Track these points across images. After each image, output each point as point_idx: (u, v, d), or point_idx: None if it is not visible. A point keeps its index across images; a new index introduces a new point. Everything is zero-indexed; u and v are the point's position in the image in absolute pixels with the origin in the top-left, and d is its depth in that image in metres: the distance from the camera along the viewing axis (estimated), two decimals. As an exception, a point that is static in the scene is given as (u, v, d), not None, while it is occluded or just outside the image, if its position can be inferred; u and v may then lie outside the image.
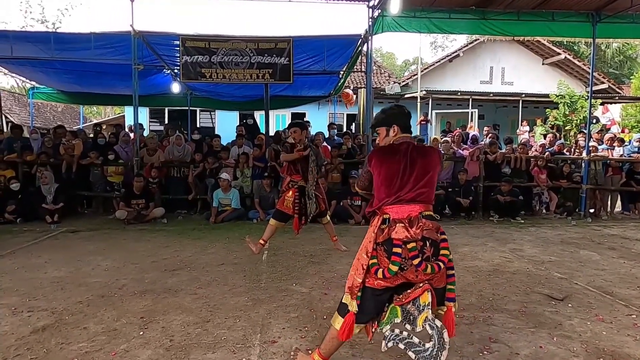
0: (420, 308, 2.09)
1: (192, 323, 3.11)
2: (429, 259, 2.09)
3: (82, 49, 7.86)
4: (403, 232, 2.08)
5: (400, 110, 2.38)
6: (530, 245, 5.78)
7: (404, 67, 41.05)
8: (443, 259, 2.13)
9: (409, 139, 2.31)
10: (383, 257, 2.12)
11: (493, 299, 3.70)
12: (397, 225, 2.11)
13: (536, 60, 16.65)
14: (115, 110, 29.02)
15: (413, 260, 2.07)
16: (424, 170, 2.19)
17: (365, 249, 2.20)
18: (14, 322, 3.12)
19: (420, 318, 2.06)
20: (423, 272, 2.07)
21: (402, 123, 2.32)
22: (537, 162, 8.21)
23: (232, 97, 12.01)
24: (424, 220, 2.11)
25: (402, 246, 2.08)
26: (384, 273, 2.09)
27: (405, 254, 2.08)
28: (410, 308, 2.14)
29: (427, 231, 2.10)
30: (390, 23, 7.64)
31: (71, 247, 5.46)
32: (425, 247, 2.10)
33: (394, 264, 2.07)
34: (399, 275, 2.10)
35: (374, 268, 2.13)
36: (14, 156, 7.57)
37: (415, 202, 2.15)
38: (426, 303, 2.07)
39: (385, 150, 2.28)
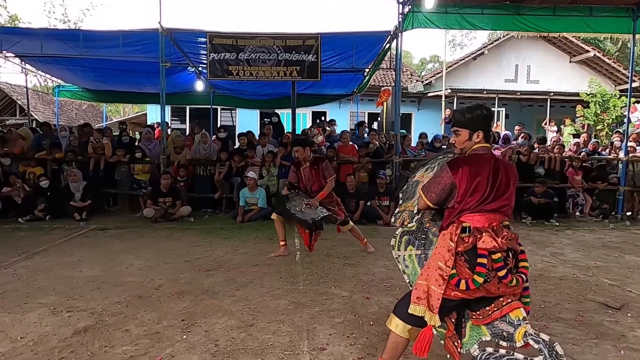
0: (515, 323, 1.98)
1: (235, 327, 3.01)
2: (512, 271, 1.98)
3: (110, 47, 7.88)
4: (490, 241, 1.94)
5: (489, 114, 2.18)
6: (570, 250, 5.55)
7: (421, 65, 40.59)
8: (524, 272, 2.01)
9: (488, 149, 2.17)
10: (464, 268, 1.98)
11: (545, 306, 3.51)
12: (483, 234, 1.97)
13: (563, 58, 16.19)
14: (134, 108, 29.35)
15: (499, 272, 1.94)
16: (506, 182, 2.09)
17: (442, 258, 2.03)
18: (54, 323, 3.06)
19: (519, 333, 1.95)
20: (508, 284, 1.95)
21: (486, 129, 2.16)
22: (571, 162, 7.92)
23: (254, 96, 11.97)
24: (506, 231, 2.01)
25: (487, 256, 1.94)
26: (467, 284, 1.95)
27: (489, 265, 1.95)
28: (499, 324, 2.01)
29: (510, 242, 2.00)
30: (421, 19, 7.45)
31: (102, 245, 5.43)
32: (509, 258, 2.00)
33: (480, 275, 1.94)
34: (480, 288, 1.96)
35: (454, 280, 1.98)
36: (44, 153, 7.62)
37: (496, 212, 2.04)
38: (520, 317, 1.97)
39: (471, 161, 2.11)
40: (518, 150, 7.85)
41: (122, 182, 8.00)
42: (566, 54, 16.18)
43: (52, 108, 18.79)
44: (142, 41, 7.88)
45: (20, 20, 23.43)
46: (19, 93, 17.79)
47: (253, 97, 12.03)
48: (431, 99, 15.44)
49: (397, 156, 7.63)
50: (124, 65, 8.94)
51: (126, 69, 9.34)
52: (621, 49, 24.14)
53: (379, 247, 5.40)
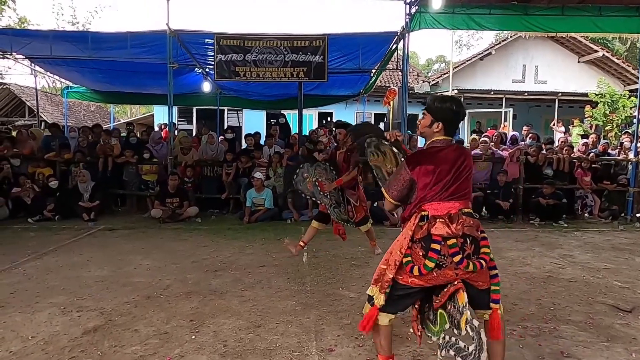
0: (461, 309, 2.01)
1: (244, 328, 3.02)
2: (470, 257, 2.01)
3: (118, 48, 7.92)
4: (443, 228, 2.00)
5: (457, 110, 2.17)
6: (580, 251, 5.50)
7: (427, 66, 40.46)
8: (484, 257, 2.04)
9: (447, 141, 2.18)
10: (418, 255, 2.04)
11: (554, 308, 3.48)
12: (437, 221, 2.02)
13: (571, 58, 16.05)
14: (141, 109, 29.49)
15: (454, 257, 1.99)
16: (464, 169, 2.12)
17: (399, 245, 2.11)
18: (64, 322, 3.08)
19: (462, 320, 1.99)
20: (464, 269, 2.00)
21: (449, 123, 2.17)
22: (580, 163, 7.85)
23: (261, 97, 12.00)
24: (464, 217, 2.05)
25: (442, 243, 2.00)
26: (420, 270, 2.01)
27: (444, 251, 2.00)
28: (452, 311, 2.06)
29: (467, 228, 2.02)
30: (428, 19, 7.42)
31: (110, 246, 5.47)
32: (466, 244, 2.01)
33: (431, 260, 1.99)
34: (435, 273, 2.01)
35: (408, 266, 2.05)
36: (54, 154, 7.69)
37: (455, 199, 2.08)
38: (464, 304, 2.01)
39: (427, 154, 2.17)
40: (526, 151, 7.79)
41: (130, 182, 8.05)
42: (574, 54, 16.04)
43: (60, 109, 18.95)
44: (150, 42, 7.93)
45: (29, 22, 23.63)
46: (27, 94, 17.97)
47: (259, 98, 12.06)
48: (438, 100, 15.36)
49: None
50: (131, 66, 8.98)
51: (134, 70, 9.39)
52: (630, 49, 23.89)
53: (385, 248, 5.36)
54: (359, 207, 4.47)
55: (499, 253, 5.31)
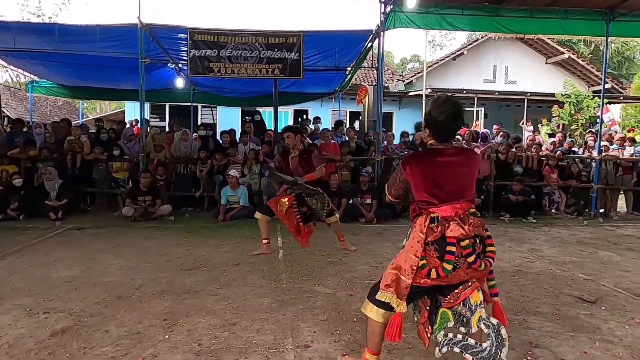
0: (473, 308, 2.04)
1: (219, 326, 2.98)
2: (480, 256, 2.05)
3: (86, 42, 7.66)
4: (458, 229, 2.02)
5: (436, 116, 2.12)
6: (547, 246, 5.70)
7: (401, 65, 40.93)
8: (491, 256, 2.08)
9: (446, 145, 2.17)
10: (433, 257, 2.04)
11: (523, 301, 3.59)
12: (450, 223, 2.03)
13: (539, 59, 16.60)
14: (111, 105, 28.65)
15: (468, 258, 2.01)
16: (466, 170, 2.14)
17: (412, 249, 2.09)
18: (30, 324, 2.97)
19: (475, 317, 2.02)
20: (477, 269, 2.03)
21: (434, 129, 2.15)
22: (548, 161, 8.13)
23: (235, 93, 11.86)
24: (472, 218, 2.08)
25: (456, 244, 2.01)
26: (438, 273, 2.02)
27: (458, 252, 2.01)
28: (461, 310, 2.09)
29: (476, 228, 2.06)
30: (402, 19, 7.51)
31: (79, 245, 5.30)
32: (476, 244, 2.05)
33: (449, 262, 2.01)
34: (451, 275, 2.03)
35: (425, 270, 2.04)
36: (18, 151, 7.38)
37: (459, 201, 2.09)
38: (478, 302, 2.03)
39: (423, 156, 2.22)
40: (497, 149, 8.00)
41: (100, 180, 7.83)
42: (542, 56, 16.60)
43: (25, 104, 18.20)
44: (121, 36, 7.70)
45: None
46: (-11, 89, 17.19)
47: (234, 94, 11.92)
48: (412, 99, 15.59)
49: (379, 154, 7.68)
50: (101, 60, 8.72)
51: (103, 65, 9.11)
52: (594, 52, 24.90)
53: (362, 245, 5.45)
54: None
55: (471, 248, 5.44)
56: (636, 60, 25.47)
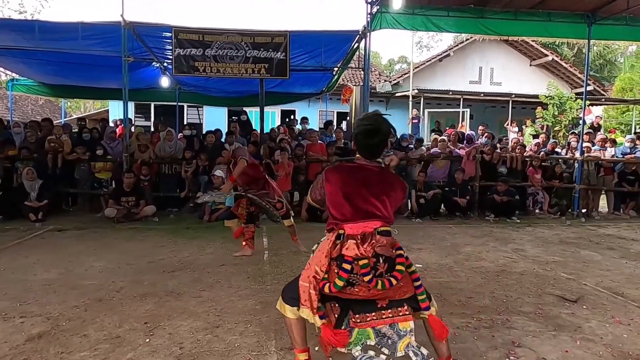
0: (401, 333, 2.05)
1: (201, 329, 2.94)
2: (382, 275, 2.03)
3: (68, 39, 7.48)
4: (353, 249, 2.02)
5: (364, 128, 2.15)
6: (531, 245, 5.76)
7: (389, 66, 41.15)
8: (397, 275, 2.04)
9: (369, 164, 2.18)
10: (334, 272, 2.04)
11: (507, 300, 3.62)
12: (348, 241, 2.04)
13: (524, 61, 16.83)
14: (95, 104, 28.17)
15: (364, 277, 2.00)
16: (383, 191, 2.13)
17: (319, 262, 2.09)
18: (5, 329, 2.88)
19: (402, 342, 2.03)
20: (374, 288, 2.00)
21: (359, 146, 2.19)
22: (531, 162, 8.23)
23: (222, 93, 11.74)
24: (377, 237, 2.05)
25: (353, 262, 2.01)
26: (330, 288, 2.02)
27: (356, 270, 2.01)
28: (387, 332, 2.08)
29: (380, 248, 2.03)
30: (388, 19, 7.54)
31: (60, 247, 5.19)
32: (379, 263, 2.02)
33: (341, 279, 2.00)
34: (348, 290, 2.02)
35: (322, 282, 2.05)
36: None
37: (371, 219, 2.08)
38: (408, 329, 2.05)
39: (343, 169, 2.20)
40: (482, 149, 8.07)
41: (82, 181, 7.67)
42: (527, 58, 16.83)
43: (5, 103, 17.78)
44: (103, 34, 7.54)
45: (-30, 9, 22.00)
46: (-33, 87, 16.75)
47: (220, 94, 11.80)
48: (399, 99, 15.66)
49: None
50: (82, 58, 8.54)
51: (87, 63, 8.92)
52: (577, 54, 25.35)
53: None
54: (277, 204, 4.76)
55: (456, 248, 5.48)
56: (617, 63, 26.03)
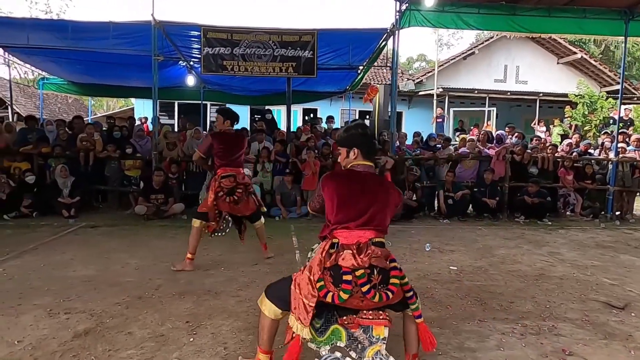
0: (373, 340, 2.04)
1: (243, 329, 2.93)
2: (376, 287, 2.01)
3: (99, 39, 7.63)
4: (350, 259, 2.00)
5: (364, 132, 2.26)
6: (566, 249, 5.61)
7: (407, 64, 40.76)
8: (392, 289, 2.04)
9: (370, 168, 2.23)
10: (329, 282, 2.02)
11: (550, 306, 3.52)
12: (345, 252, 2.02)
13: (551, 59, 16.44)
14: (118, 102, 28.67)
15: (362, 288, 1.98)
16: (379, 200, 2.13)
17: (312, 271, 2.06)
18: (52, 325, 2.93)
19: (372, 349, 2.02)
20: (371, 299, 1.99)
21: (364, 147, 2.22)
22: (563, 162, 8.02)
23: (245, 91, 11.80)
24: (372, 248, 2.04)
25: (351, 273, 2.00)
26: (333, 299, 1.99)
27: (354, 281, 2.00)
28: (359, 336, 2.06)
29: (375, 259, 2.02)
30: (418, 17, 7.41)
31: (94, 243, 5.27)
32: (373, 275, 2.02)
33: (345, 292, 1.98)
34: (347, 301, 2.01)
35: (322, 291, 2.01)
36: (30, 148, 7.35)
37: (367, 228, 2.08)
38: (381, 336, 2.04)
39: (340, 176, 2.23)
40: (512, 150, 7.90)
41: (112, 178, 7.79)
42: (554, 55, 16.43)
43: (33, 101, 18.22)
44: (134, 34, 7.64)
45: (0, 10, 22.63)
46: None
47: (244, 93, 11.85)
48: (421, 98, 15.50)
49: (393, 154, 7.60)
50: (112, 58, 8.66)
51: (114, 62, 9.05)
52: (604, 52, 24.68)
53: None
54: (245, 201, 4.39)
55: (489, 251, 5.37)
56: (646, 61, 25.22)
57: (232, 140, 4.38)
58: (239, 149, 4.41)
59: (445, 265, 4.66)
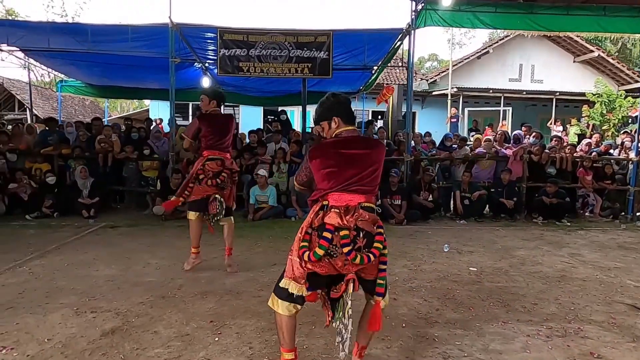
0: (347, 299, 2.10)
1: (267, 329, 2.94)
2: (360, 250, 2.04)
3: (117, 42, 7.73)
4: (335, 218, 2.05)
5: (337, 99, 2.27)
6: (587, 250, 5.52)
7: (419, 64, 40.50)
8: (374, 252, 2.08)
9: (354, 132, 2.24)
10: (315, 242, 2.07)
11: (575, 308, 3.47)
12: (331, 210, 2.07)
13: (567, 58, 16.20)
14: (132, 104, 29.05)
15: (343, 248, 2.01)
16: (367, 162, 2.15)
17: (301, 231, 2.14)
18: (80, 324, 2.98)
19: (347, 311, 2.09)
20: (352, 261, 2.02)
21: (342, 113, 2.23)
22: (582, 162, 7.89)
23: (259, 92, 11.86)
24: (360, 211, 2.08)
25: (334, 232, 2.03)
26: (309, 256, 2.03)
27: (336, 241, 2.03)
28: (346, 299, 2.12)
29: (362, 222, 2.06)
30: (434, 17, 7.35)
31: (114, 244, 5.34)
32: (358, 237, 2.05)
33: (321, 247, 2.02)
34: (325, 261, 2.05)
35: (302, 250, 2.07)
36: (51, 149, 7.49)
37: (356, 192, 2.11)
38: (349, 293, 2.08)
39: (326, 146, 2.22)
40: (529, 149, 7.80)
41: (130, 179, 7.90)
42: (570, 54, 16.19)
43: (51, 103, 18.57)
44: (151, 36, 7.74)
45: (17, 14, 23.09)
46: (17, 88, 17.59)
47: (258, 94, 11.92)
48: (435, 98, 15.40)
49: (409, 154, 7.57)
50: (129, 60, 8.79)
51: (131, 64, 9.20)
52: (621, 50, 24.23)
53: (395, 247, 5.35)
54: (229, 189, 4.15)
55: (508, 252, 5.31)
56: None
57: (221, 122, 4.09)
58: (228, 131, 4.09)
59: (464, 266, 4.63)
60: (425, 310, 3.37)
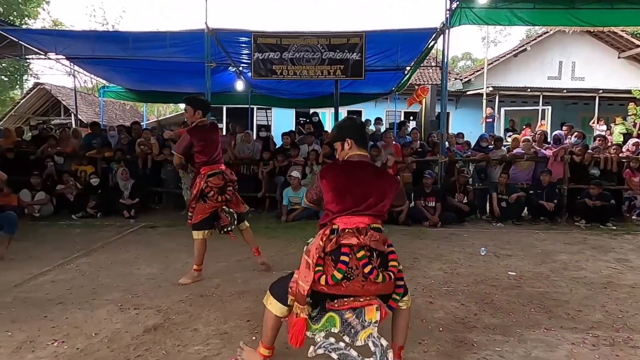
0: (365, 324, 2.04)
1: (303, 329, 2.96)
2: (377, 269, 2.06)
3: (156, 48, 8.04)
4: (352, 237, 2.06)
5: (352, 122, 2.39)
6: (635, 255, 5.24)
7: (452, 63, 39.71)
8: (393, 270, 2.11)
9: (365, 158, 2.31)
10: (330, 266, 2.06)
11: (623, 316, 3.31)
12: (345, 232, 2.09)
13: (611, 54, 15.46)
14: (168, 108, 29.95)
15: (364, 268, 2.02)
16: (376, 188, 2.19)
17: (312, 255, 2.09)
18: (124, 320, 3.10)
19: (364, 333, 2.03)
20: (374, 280, 2.02)
21: (355, 136, 2.30)
22: (629, 163, 7.51)
23: (291, 95, 11.99)
24: (371, 231, 2.11)
25: (350, 255, 2.04)
26: (327, 280, 2.01)
27: (352, 264, 2.03)
28: (352, 321, 2.05)
29: (374, 242, 2.08)
30: (469, 15, 7.23)
31: (154, 243, 5.53)
32: (372, 257, 2.07)
33: (339, 271, 2.02)
34: (343, 285, 2.03)
35: (317, 274, 2.04)
36: (95, 152, 7.85)
37: (365, 215, 2.14)
38: (373, 320, 2.03)
39: (338, 167, 2.30)
40: (571, 150, 7.50)
41: (168, 180, 8.15)
42: (615, 49, 15.45)
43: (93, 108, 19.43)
44: (188, 42, 7.99)
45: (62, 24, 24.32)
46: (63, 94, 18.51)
47: (290, 96, 12.05)
48: (469, 97, 15.06)
49: (443, 156, 7.44)
50: (166, 65, 9.11)
51: (168, 69, 9.52)
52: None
53: (430, 250, 5.29)
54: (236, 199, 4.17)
55: (549, 256, 5.12)
56: None
57: (211, 133, 3.95)
58: (218, 142, 3.99)
59: (502, 270, 4.50)
60: (462, 314, 3.30)
